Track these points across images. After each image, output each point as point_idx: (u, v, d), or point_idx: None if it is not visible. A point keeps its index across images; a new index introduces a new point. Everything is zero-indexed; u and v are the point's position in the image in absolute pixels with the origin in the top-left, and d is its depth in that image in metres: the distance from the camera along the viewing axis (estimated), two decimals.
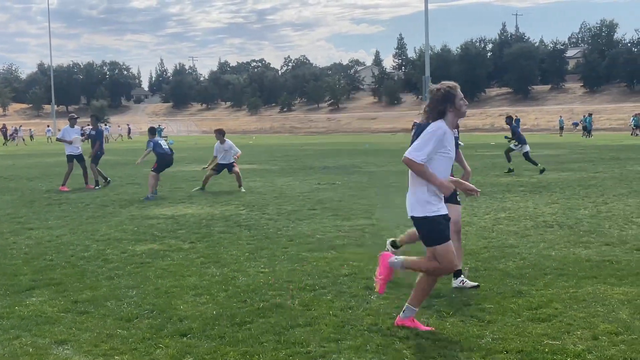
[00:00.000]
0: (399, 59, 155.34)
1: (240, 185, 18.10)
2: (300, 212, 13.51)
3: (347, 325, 6.15)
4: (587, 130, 58.78)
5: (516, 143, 22.08)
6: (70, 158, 19.60)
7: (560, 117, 63.08)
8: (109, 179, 20.16)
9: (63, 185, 19.02)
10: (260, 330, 6.02)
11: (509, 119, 23.33)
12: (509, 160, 22.26)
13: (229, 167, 18.58)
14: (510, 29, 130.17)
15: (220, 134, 18.80)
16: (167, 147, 17.65)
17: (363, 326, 6.11)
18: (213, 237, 10.90)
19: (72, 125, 19.94)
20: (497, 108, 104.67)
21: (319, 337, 5.82)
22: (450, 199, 7.29)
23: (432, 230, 5.80)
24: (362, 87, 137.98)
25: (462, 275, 7.45)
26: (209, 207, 14.56)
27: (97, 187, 19.18)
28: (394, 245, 8.37)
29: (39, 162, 20.65)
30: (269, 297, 7.13)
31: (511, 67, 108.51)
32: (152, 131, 18.52)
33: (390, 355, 5.40)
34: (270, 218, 12.85)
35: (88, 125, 21.40)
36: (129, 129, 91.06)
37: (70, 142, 19.48)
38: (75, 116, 20.74)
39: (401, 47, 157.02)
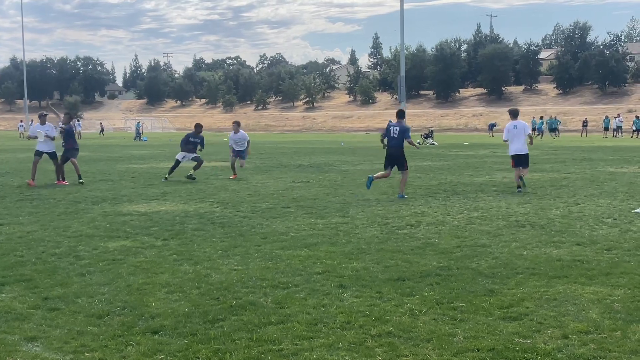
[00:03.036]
0: (374, 58, 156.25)
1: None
2: (274, 210, 13.49)
3: (319, 323, 6.15)
4: (554, 130, 59.32)
5: None
6: (37, 153, 19.27)
7: (533, 118, 63.58)
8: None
9: (32, 179, 18.76)
10: (232, 328, 6.01)
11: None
12: None
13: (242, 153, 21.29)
14: (485, 30, 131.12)
15: (236, 124, 22.07)
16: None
17: (336, 324, 6.11)
18: (186, 234, 10.85)
19: (42, 123, 19.68)
20: (471, 108, 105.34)
21: (292, 335, 5.81)
22: None
23: None
24: (337, 85, 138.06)
25: None
26: (183, 204, 14.49)
27: (80, 181, 18.93)
28: None
29: (10, 157, 20.37)
30: (242, 295, 7.11)
31: (485, 68, 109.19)
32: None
33: (362, 353, 5.41)
34: (244, 216, 12.82)
35: (59, 122, 21.07)
36: (102, 127, 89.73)
37: (35, 137, 19.30)
38: (45, 113, 20.43)
39: (376, 47, 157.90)
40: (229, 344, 5.60)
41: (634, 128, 58.23)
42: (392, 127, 16.09)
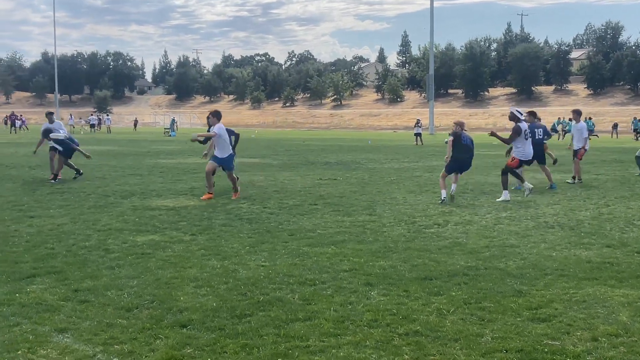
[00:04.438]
0: (403, 57, 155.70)
1: None
2: (301, 207, 13.51)
3: (346, 320, 6.16)
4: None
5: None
6: (52, 148, 19.33)
7: (559, 118, 63.01)
8: (80, 171, 19.68)
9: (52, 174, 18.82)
10: (260, 324, 6.03)
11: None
12: None
13: None
14: (516, 29, 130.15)
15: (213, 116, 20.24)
16: None
17: (363, 322, 6.11)
18: (214, 229, 10.91)
19: (51, 122, 19.78)
20: (500, 108, 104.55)
21: (319, 332, 5.82)
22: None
23: None
24: (365, 83, 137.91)
25: None
26: (211, 200, 14.55)
27: (55, 180, 18.48)
28: None
29: (39, 150, 20.60)
30: (269, 291, 7.13)
31: (515, 67, 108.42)
32: None
33: (389, 351, 5.41)
34: (271, 212, 12.85)
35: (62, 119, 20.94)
36: (136, 121, 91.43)
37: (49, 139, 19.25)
38: (52, 112, 20.72)
39: (405, 45, 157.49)
40: (257, 340, 5.62)
41: None
42: (535, 129, 17.13)
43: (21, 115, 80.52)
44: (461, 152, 14.55)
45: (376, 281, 7.56)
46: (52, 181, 18.30)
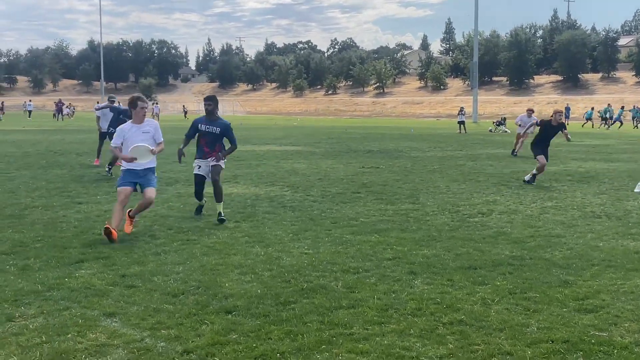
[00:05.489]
0: (446, 44, 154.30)
1: None
2: (344, 195, 13.52)
3: (390, 309, 6.16)
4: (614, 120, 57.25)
5: None
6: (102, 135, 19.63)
7: (608, 105, 61.92)
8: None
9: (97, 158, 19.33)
10: (304, 311, 6.07)
11: None
12: None
13: None
14: (562, 15, 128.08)
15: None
16: None
17: (406, 310, 6.11)
18: (257, 217, 10.98)
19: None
20: (545, 96, 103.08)
21: (363, 320, 5.84)
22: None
23: None
24: (408, 71, 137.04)
25: None
26: (254, 187, 14.65)
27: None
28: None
29: (87, 137, 20.92)
30: (312, 278, 7.17)
31: (561, 55, 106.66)
32: None
33: (433, 340, 5.40)
34: (314, 200, 12.89)
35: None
36: (184, 109, 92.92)
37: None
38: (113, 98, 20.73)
39: (449, 32, 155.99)
40: (301, 327, 5.66)
41: None
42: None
43: (69, 103, 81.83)
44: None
45: (420, 270, 7.54)
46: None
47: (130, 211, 9.58)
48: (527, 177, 15.90)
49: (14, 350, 5.14)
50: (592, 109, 62.58)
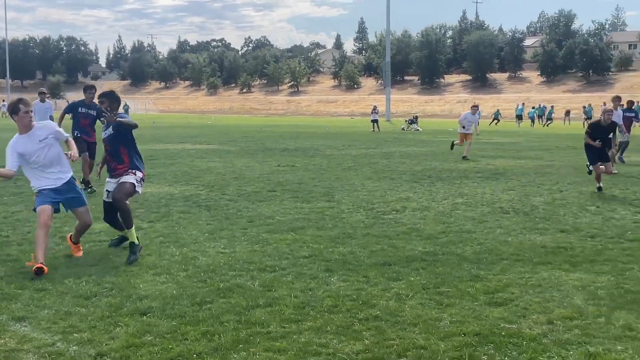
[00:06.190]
0: (359, 43, 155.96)
1: None
2: (260, 194, 13.50)
3: (307, 306, 6.19)
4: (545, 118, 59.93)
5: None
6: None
7: (519, 105, 63.91)
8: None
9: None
10: (220, 310, 6.03)
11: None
12: None
13: None
14: (471, 16, 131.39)
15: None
16: None
17: (323, 308, 6.15)
18: (172, 216, 10.84)
19: (42, 101, 19.35)
20: (455, 95, 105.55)
21: (280, 318, 5.85)
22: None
23: None
24: (322, 70, 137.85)
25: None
26: (168, 187, 14.46)
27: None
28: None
29: None
30: (229, 278, 7.13)
31: (470, 55, 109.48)
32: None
33: (349, 336, 5.46)
34: (230, 199, 12.82)
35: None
36: None
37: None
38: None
39: (362, 31, 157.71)
40: (217, 326, 5.62)
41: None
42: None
43: None
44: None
45: (336, 267, 7.60)
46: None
47: (70, 237, 8.39)
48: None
49: None
50: (534, 107, 64.46)
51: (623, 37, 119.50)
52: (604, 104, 66.75)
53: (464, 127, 23.17)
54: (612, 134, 14.61)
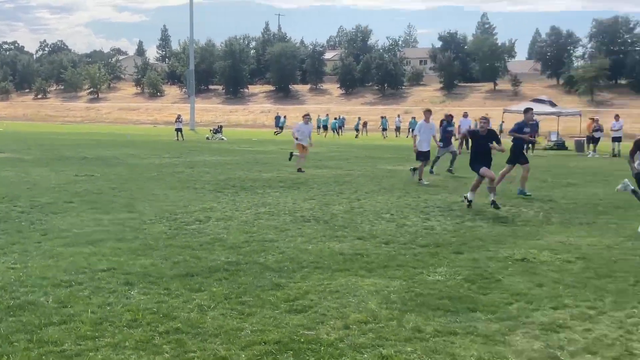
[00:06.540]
0: (162, 51, 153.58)
1: None
2: (55, 205, 12.88)
3: (105, 322, 6.00)
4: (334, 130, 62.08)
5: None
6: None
7: (319, 116, 65.95)
8: None
9: None
10: (10, 330, 5.69)
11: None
12: None
13: None
14: (273, 29, 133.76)
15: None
16: None
17: (122, 322, 5.99)
18: None
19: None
20: (259, 105, 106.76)
21: (75, 335, 5.62)
22: None
23: None
24: (123, 77, 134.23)
25: None
26: None
27: None
28: None
29: None
30: (20, 295, 6.74)
31: (273, 66, 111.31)
32: None
33: (149, 350, 5.35)
34: (22, 211, 12.12)
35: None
36: None
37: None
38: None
39: (165, 39, 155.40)
40: (7, 347, 5.30)
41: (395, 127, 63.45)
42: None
43: None
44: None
45: (136, 280, 7.43)
46: None
47: None
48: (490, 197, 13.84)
49: None
50: (335, 119, 66.16)
51: (414, 53, 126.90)
52: (398, 116, 70.57)
53: (296, 139, 22.03)
54: (493, 141, 14.33)
